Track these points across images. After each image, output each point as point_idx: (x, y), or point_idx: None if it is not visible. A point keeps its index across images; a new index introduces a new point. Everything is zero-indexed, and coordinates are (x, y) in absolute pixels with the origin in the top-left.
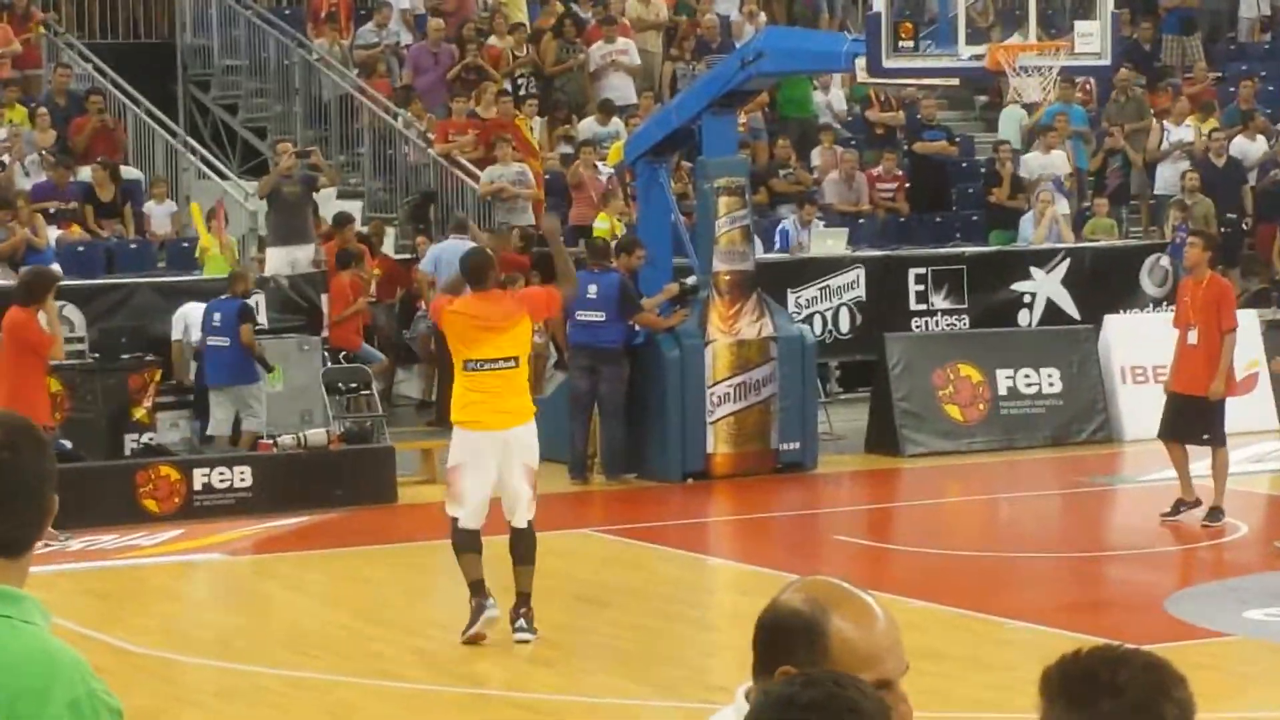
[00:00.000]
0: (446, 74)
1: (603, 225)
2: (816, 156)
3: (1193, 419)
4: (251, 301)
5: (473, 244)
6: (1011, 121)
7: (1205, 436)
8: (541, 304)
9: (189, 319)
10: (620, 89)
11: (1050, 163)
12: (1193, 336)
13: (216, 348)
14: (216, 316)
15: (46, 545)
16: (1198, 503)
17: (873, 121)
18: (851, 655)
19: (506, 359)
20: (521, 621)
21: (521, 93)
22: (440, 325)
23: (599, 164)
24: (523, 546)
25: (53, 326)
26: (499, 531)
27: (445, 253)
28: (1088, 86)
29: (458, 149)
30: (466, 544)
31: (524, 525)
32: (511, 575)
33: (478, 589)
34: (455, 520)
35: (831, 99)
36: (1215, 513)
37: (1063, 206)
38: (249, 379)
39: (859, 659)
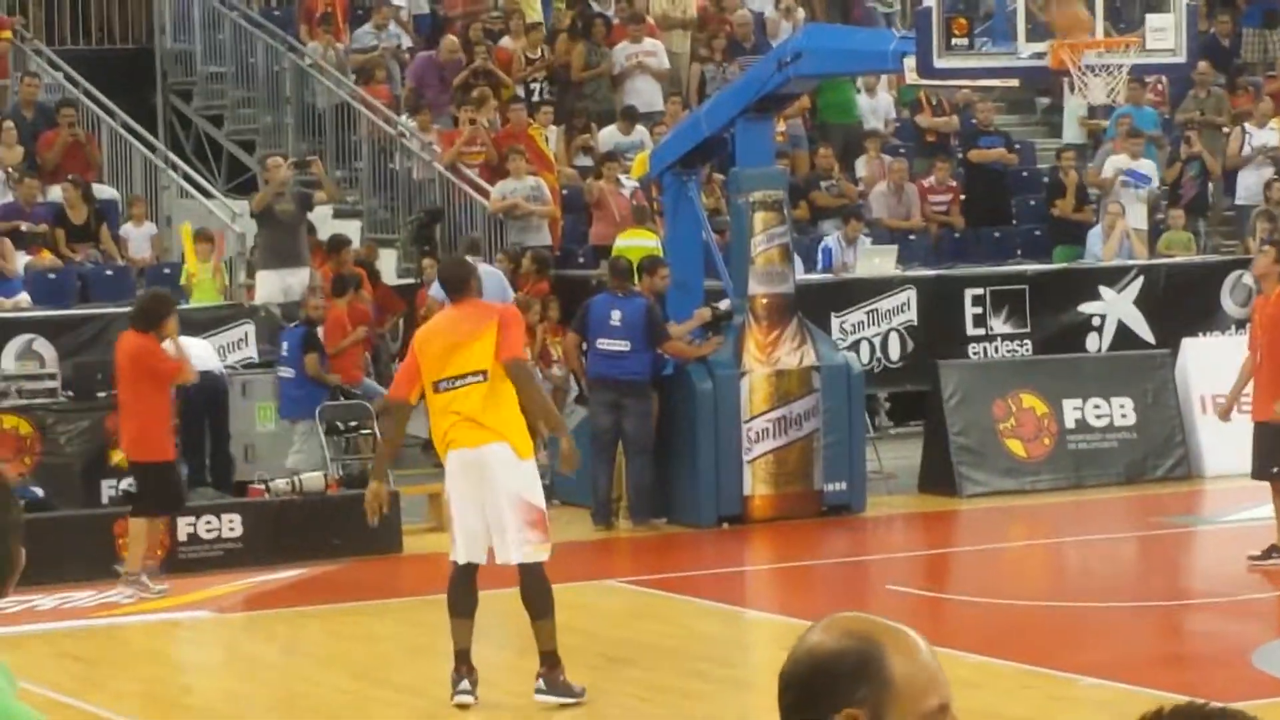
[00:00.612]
0: (452, 81)
1: (646, 243)
2: (862, 167)
3: (1256, 448)
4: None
5: (491, 268)
6: (1074, 120)
7: (1275, 469)
8: (512, 328)
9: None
10: (645, 94)
11: (1138, 166)
12: (1259, 357)
13: (284, 379)
14: (284, 345)
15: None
16: None
17: (924, 128)
18: (914, 684)
19: (474, 374)
20: (541, 683)
21: (535, 99)
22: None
23: (621, 178)
24: (531, 595)
25: (179, 349)
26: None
27: None
28: (1159, 87)
29: (466, 162)
30: (457, 596)
31: (521, 563)
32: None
33: (460, 660)
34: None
35: (878, 103)
36: None
37: (1138, 218)
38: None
39: (921, 687)
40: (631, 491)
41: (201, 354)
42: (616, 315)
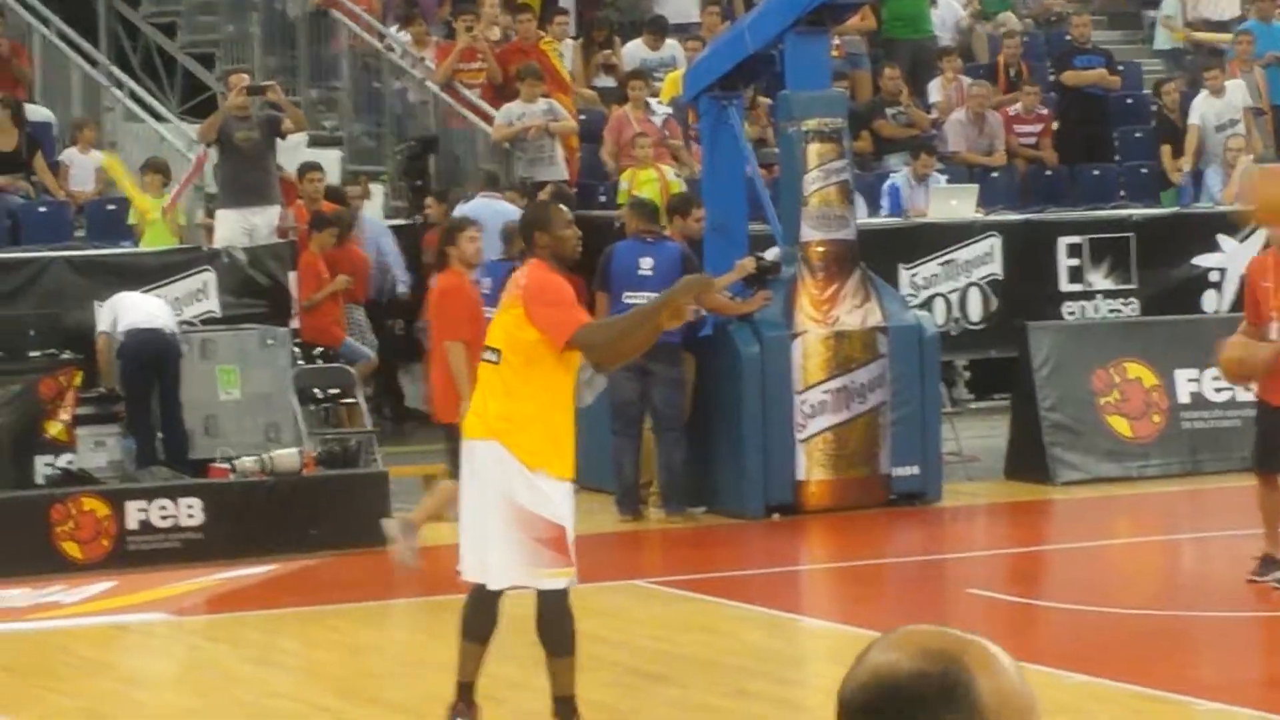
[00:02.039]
0: None
1: (660, 178)
2: (936, 90)
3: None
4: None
5: (507, 203)
6: (1161, 27)
7: None
8: (544, 307)
9: (121, 307)
10: (679, 2)
11: (1227, 108)
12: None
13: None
14: (487, 282)
15: None
16: None
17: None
18: (1011, 710)
19: (491, 350)
20: None
21: (549, 8)
22: None
23: (652, 101)
24: (547, 629)
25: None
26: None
27: (474, 215)
28: None
29: (465, 81)
30: (471, 614)
31: (540, 590)
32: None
33: (461, 695)
34: None
35: (946, 13)
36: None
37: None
38: None
39: (1018, 711)
40: (663, 475)
41: (152, 309)
42: (646, 263)
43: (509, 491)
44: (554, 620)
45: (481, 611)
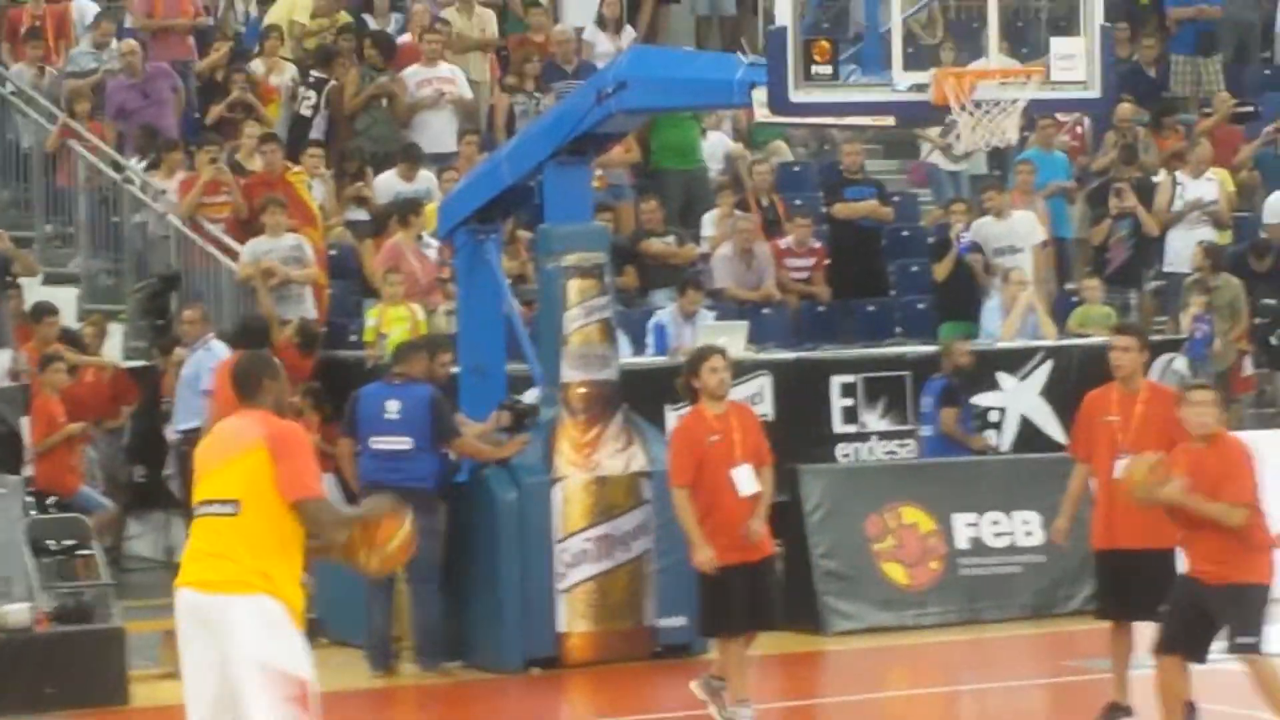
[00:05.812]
0: (176, 113)
1: (410, 316)
2: (710, 224)
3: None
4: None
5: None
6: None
7: None
8: (295, 456)
9: None
10: (434, 131)
11: (1012, 231)
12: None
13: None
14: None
15: None
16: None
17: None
18: None
19: (224, 501)
20: None
21: (298, 139)
22: None
23: (427, 235)
24: None
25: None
26: None
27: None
28: (1079, 129)
29: (209, 215)
30: None
31: None
32: None
33: None
34: None
35: (714, 145)
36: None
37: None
38: None
39: None
40: (416, 629)
41: None
42: (393, 406)
43: (268, 652)
44: None
45: None
